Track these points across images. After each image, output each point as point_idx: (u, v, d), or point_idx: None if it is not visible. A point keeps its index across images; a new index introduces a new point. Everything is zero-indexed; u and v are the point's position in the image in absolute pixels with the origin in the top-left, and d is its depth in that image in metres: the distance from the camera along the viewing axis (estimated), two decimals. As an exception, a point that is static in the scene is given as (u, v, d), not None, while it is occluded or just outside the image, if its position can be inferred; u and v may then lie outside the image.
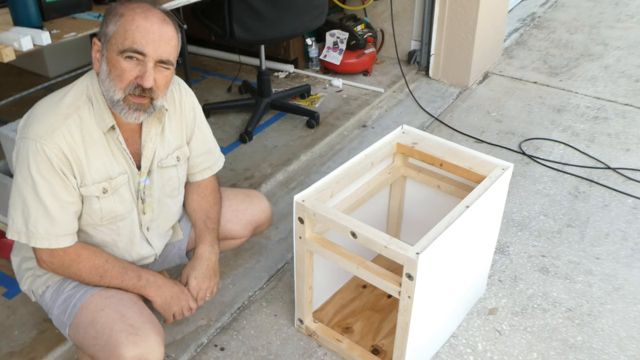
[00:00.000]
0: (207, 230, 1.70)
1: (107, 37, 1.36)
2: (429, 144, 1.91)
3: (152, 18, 1.35)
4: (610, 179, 2.68)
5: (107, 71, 1.37)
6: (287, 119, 3.19)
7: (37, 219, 1.38)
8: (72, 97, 1.41)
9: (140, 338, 1.38)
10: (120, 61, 1.35)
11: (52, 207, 1.38)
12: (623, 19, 4.54)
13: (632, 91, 3.45)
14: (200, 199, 1.73)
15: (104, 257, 1.49)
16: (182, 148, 1.61)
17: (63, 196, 1.39)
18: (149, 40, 1.34)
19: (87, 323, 1.43)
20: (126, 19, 1.33)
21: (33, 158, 1.35)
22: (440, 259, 1.57)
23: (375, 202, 2.03)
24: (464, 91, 3.50)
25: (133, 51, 1.34)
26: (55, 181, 1.37)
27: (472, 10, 3.31)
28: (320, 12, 2.87)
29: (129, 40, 1.33)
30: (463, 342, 1.89)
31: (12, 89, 3.43)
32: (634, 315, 1.98)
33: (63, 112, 1.38)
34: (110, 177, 1.45)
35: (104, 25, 1.37)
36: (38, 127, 1.36)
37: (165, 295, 1.54)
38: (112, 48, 1.35)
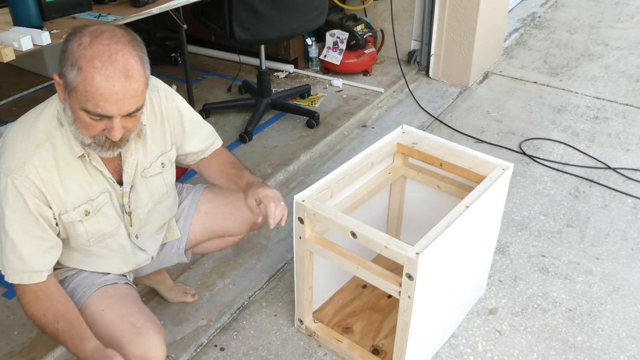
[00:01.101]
0: (241, 169, 1.67)
1: (67, 85, 1.24)
2: (429, 144, 1.91)
3: (113, 76, 1.20)
4: (610, 179, 2.68)
5: (73, 118, 1.28)
6: (287, 119, 3.19)
7: (7, 254, 1.34)
8: (44, 123, 1.34)
9: (143, 337, 1.39)
10: (85, 116, 1.25)
11: (21, 243, 1.33)
12: (623, 19, 4.54)
13: (632, 91, 3.45)
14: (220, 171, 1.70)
15: (45, 309, 1.37)
16: (166, 153, 1.56)
17: (35, 232, 1.34)
18: (113, 102, 1.23)
19: (89, 323, 1.43)
20: (85, 78, 1.20)
21: (4, 193, 1.30)
22: (440, 259, 1.57)
23: (375, 202, 2.03)
24: (464, 91, 3.50)
25: (97, 115, 1.24)
26: (27, 216, 1.32)
27: (472, 10, 3.31)
28: (320, 12, 2.87)
29: (92, 104, 1.22)
30: (463, 342, 1.89)
31: (12, 89, 3.43)
32: (634, 315, 1.98)
33: (34, 141, 1.32)
34: (91, 199, 1.41)
35: (63, 66, 1.24)
36: (8, 159, 1.30)
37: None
38: (74, 100, 1.25)
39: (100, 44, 1.21)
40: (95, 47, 1.21)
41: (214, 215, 1.78)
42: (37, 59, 3.52)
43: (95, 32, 1.23)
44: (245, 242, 2.30)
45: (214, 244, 1.86)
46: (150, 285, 2.01)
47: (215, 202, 1.80)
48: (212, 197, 1.80)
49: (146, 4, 2.06)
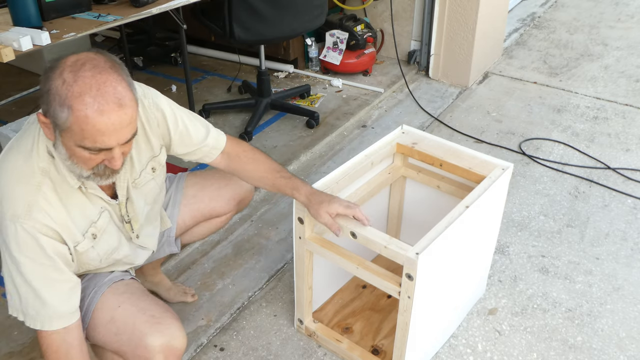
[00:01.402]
0: (290, 178, 1.63)
1: (58, 125, 1.19)
2: (429, 144, 1.91)
3: (106, 109, 1.16)
4: (610, 179, 2.68)
5: (67, 155, 1.24)
6: (286, 119, 3.19)
7: (27, 300, 1.31)
8: (36, 160, 1.28)
9: (164, 326, 1.41)
10: (82, 152, 1.21)
11: (42, 288, 1.30)
12: (623, 19, 4.54)
13: (632, 91, 3.45)
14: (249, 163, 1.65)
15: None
16: (155, 158, 1.53)
17: (54, 275, 1.32)
18: (111, 134, 1.19)
19: (106, 321, 1.44)
20: (78, 117, 1.15)
21: (14, 240, 1.26)
22: (440, 259, 1.57)
23: (375, 202, 2.03)
24: (463, 91, 3.50)
25: (96, 150, 1.21)
26: (44, 261, 1.29)
27: (472, 10, 3.31)
28: (320, 12, 2.87)
29: (89, 140, 1.18)
30: (463, 342, 1.89)
31: (12, 89, 3.43)
32: (633, 316, 1.98)
33: (34, 182, 1.27)
34: (93, 221, 1.40)
35: (49, 106, 1.17)
36: (12, 205, 1.25)
37: None
38: (68, 138, 1.20)
39: (85, 77, 1.16)
40: (81, 82, 1.15)
41: (201, 197, 1.79)
42: (36, 59, 3.51)
43: (75, 65, 1.17)
44: (245, 242, 2.31)
45: (203, 229, 1.86)
46: (149, 288, 2.01)
47: (200, 185, 1.80)
48: (196, 181, 1.80)
49: (146, 4, 2.06)
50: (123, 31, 3.15)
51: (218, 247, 2.28)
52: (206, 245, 2.29)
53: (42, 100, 1.19)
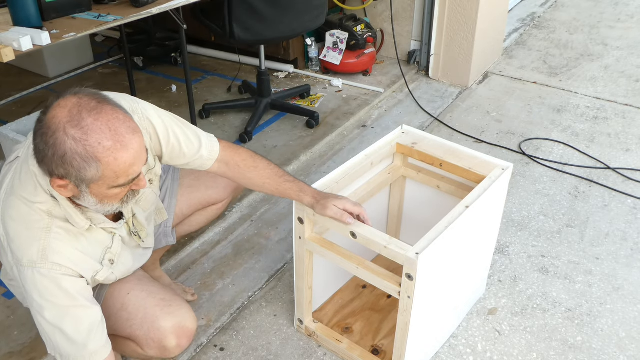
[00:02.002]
0: (295, 181, 1.62)
1: (85, 181, 1.19)
2: (429, 144, 1.91)
3: (126, 141, 1.18)
4: (610, 179, 2.68)
5: (97, 201, 1.26)
6: (287, 119, 3.19)
7: (58, 342, 1.32)
8: (40, 204, 1.28)
9: (174, 308, 1.46)
10: (115, 190, 1.25)
11: (68, 329, 1.31)
12: (623, 19, 4.54)
13: (632, 91, 3.45)
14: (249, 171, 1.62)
15: None
16: (151, 170, 1.53)
17: (79, 313, 1.32)
18: (137, 162, 1.23)
19: (118, 309, 1.48)
20: (108, 163, 1.17)
21: (34, 286, 1.27)
22: (440, 259, 1.57)
23: (375, 202, 2.03)
24: (463, 91, 3.50)
25: (129, 182, 1.24)
26: (67, 302, 1.30)
27: (472, 10, 3.31)
28: (320, 12, 2.87)
29: (123, 178, 1.21)
30: (463, 342, 1.89)
31: (12, 89, 3.43)
32: (633, 316, 1.98)
33: (42, 225, 1.28)
34: (108, 247, 1.41)
35: (69, 169, 1.16)
36: (27, 252, 1.26)
37: None
38: (98, 187, 1.22)
39: (90, 125, 1.15)
40: (91, 131, 1.15)
41: (197, 186, 1.80)
42: (36, 59, 3.52)
43: (72, 119, 1.15)
44: (245, 242, 2.31)
45: (200, 217, 1.88)
46: None
47: (196, 174, 1.80)
48: (192, 170, 1.79)
49: (146, 4, 2.06)
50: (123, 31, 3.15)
51: (218, 247, 2.29)
52: (206, 245, 2.29)
53: (54, 166, 1.17)
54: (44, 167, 1.20)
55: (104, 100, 1.21)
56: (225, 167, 1.61)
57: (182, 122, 1.55)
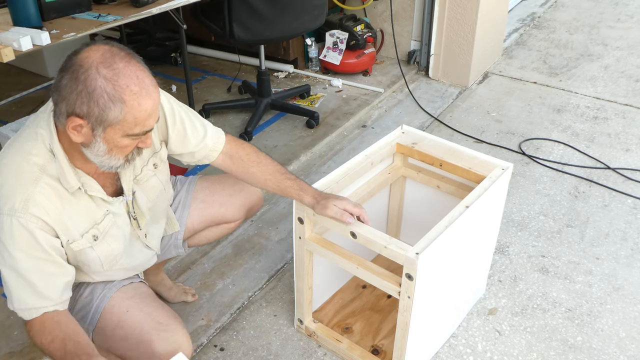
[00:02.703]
0: (296, 179, 1.63)
1: (105, 122, 1.22)
2: (429, 144, 1.91)
3: (150, 92, 1.24)
4: (610, 179, 2.68)
5: (107, 149, 1.27)
6: (286, 119, 3.19)
7: (19, 293, 1.32)
8: (36, 157, 1.29)
9: (170, 334, 1.42)
10: (125, 140, 1.27)
11: (36, 281, 1.30)
12: (623, 19, 4.54)
13: (632, 91, 3.45)
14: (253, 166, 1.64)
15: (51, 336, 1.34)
16: (157, 153, 1.53)
17: (50, 269, 1.32)
18: (154, 116, 1.27)
19: (114, 325, 1.44)
20: (132, 107, 1.21)
21: (10, 234, 1.26)
22: (440, 259, 1.57)
23: (375, 202, 2.03)
24: (463, 91, 3.50)
25: (142, 134, 1.27)
26: (39, 255, 1.29)
27: (472, 10, 3.31)
28: (320, 12, 2.87)
29: (140, 126, 1.25)
30: (463, 342, 1.89)
31: (11, 89, 3.43)
32: (633, 316, 1.98)
33: (31, 177, 1.28)
34: (96, 222, 1.40)
35: (93, 107, 1.20)
36: (9, 199, 1.26)
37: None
38: (114, 132, 1.24)
39: (121, 69, 1.20)
40: (121, 74, 1.20)
41: (211, 202, 1.78)
42: (36, 59, 3.52)
43: (105, 61, 1.20)
44: (245, 242, 2.31)
45: (211, 233, 1.86)
46: (150, 287, 2.01)
47: (210, 189, 1.79)
48: (207, 185, 1.80)
49: (146, 4, 2.06)
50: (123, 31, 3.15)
51: (218, 247, 2.28)
52: (206, 246, 2.29)
53: (79, 102, 1.20)
54: (65, 105, 1.21)
55: (132, 54, 1.27)
56: (229, 161, 1.63)
57: (190, 111, 1.58)
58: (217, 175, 1.85)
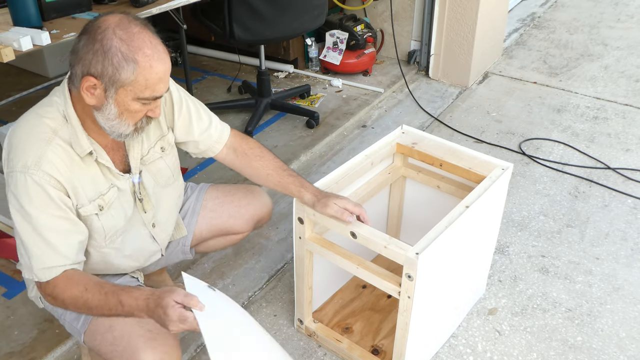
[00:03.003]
0: (297, 176, 1.65)
1: (117, 82, 1.26)
2: (429, 144, 1.91)
3: (163, 58, 1.30)
4: (610, 179, 2.68)
5: (117, 113, 1.31)
6: (287, 119, 3.19)
7: (36, 253, 1.33)
8: (49, 120, 1.34)
9: (158, 343, 1.38)
10: (136, 104, 1.31)
11: (53, 239, 1.32)
12: (623, 19, 4.55)
13: (632, 91, 3.45)
14: (256, 160, 1.67)
15: (82, 285, 1.36)
16: (164, 137, 1.56)
17: (65, 226, 1.34)
18: (164, 82, 1.32)
19: (105, 329, 1.43)
20: (144, 68, 1.26)
21: (25, 192, 1.29)
22: (440, 259, 1.57)
23: (375, 202, 2.03)
24: (463, 91, 3.50)
25: (152, 99, 1.31)
26: (54, 212, 1.31)
27: (472, 10, 3.31)
28: (320, 12, 2.87)
29: (150, 90, 1.29)
30: (463, 342, 1.89)
31: (11, 89, 3.43)
32: (633, 316, 1.98)
33: (44, 137, 1.32)
34: (102, 193, 1.42)
35: (107, 66, 1.25)
36: (22, 157, 1.30)
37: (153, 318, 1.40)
38: (125, 93, 1.28)
39: (136, 33, 1.27)
40: (136, 37, 1.26)
41: (220, 213, 1.79)
42: (36, 59, 3.52)
43: (121, 24, 1.27)
44: (245, 242, 2.31)
45: (218, 242, 1.86)
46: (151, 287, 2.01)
47: (220, 200, 1.80)
48: (217, 195, 1.80)
49: (146, 4, 2.06)
50: (123, 31, 3.16)
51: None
52: (206, 245, 2.29)
53: (94, 62, 1.25)
54: (80, 65, 1.27)
55: (148, 24, 1.34)
56: (233, 155, 1.67)
57: (198, 102, 1.64)
58: (227, 186, 1.85)
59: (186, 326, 1.28)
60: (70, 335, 1.82)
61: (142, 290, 1.34)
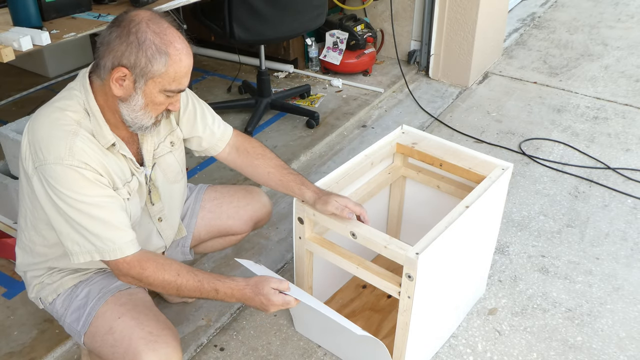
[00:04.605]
0: (298, 174, 1.67)
1: (148, 73, 1.29)
2: (429, 144, 1.91)
3: (189, 53, 1.34)
4: (610, 179, 2.68)
5: (144, 104, 1.34)
6: (287, 119, 3.19)
7: (97, 235, 1.32)
8: (71, 113, 1.35)
9: (159, 345, 1.38)
10: (161, 96, 1.34)
11: (107, 217, 1.33)
12: (623, 19, 4.54)
13: (632, 91, 3.45)
14: (257, 159, 1.69)
15: (175, 271, 1.39)
16: (174, 132, 1.57)
17: (111, 205, 1.34)
18: (188, 77, 1.36)
19: (105, 331, 1.43)
20: (174, 61, 1.30)
21: (64, 181, 1.29)
22: (440, 259, 1.57)
23: (375, 202, 2.03)
24: (463, 91, 3.50)
25: (177, 91, 1.35)
26: (97, 192, 1.32)
27: (472, 10, 3.31)
28: (320, 12, 2.87)
29: (177, 82, 1.33)
30: (463, 342, 1.89)
31: (12, 89, 3.42)
32: (633, 316, 1.98)
33: (70, 129, 1.32)
34: (127, 181, 1.44)
35: (140, 57, 1.28)
36: (54, 149, 1.30)
37: (249, 304, 1.46)
38: (154, 85, 1.32)
39: (167, 28, 1.31)
40: (168, 32, 1.31)
41: (219, 214, 1.79)
42: (36, 59, 3.52)
43: (154, 20, 1.31)
44: (245, 242, 2.30)
45: (217, 243, 1.87)
46: None
47: (219, 201, 1.80)
48: (216, 196, 1.81)
49: (146, 4, 2.06)
50: (123, 31, 3.16)
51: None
52: (206, 245, 2.29)
53: (127, 52, 1.28)
54: (111, 57, 1.29)
55: (173, 20, 1.37)
56: (235, 154, 1.69)
57: (203, 102, 1.67)
58: (226, 187, 1.86)
59: (287, 307, 1.45)
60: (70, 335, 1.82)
61: (236, 280, 1.43)
